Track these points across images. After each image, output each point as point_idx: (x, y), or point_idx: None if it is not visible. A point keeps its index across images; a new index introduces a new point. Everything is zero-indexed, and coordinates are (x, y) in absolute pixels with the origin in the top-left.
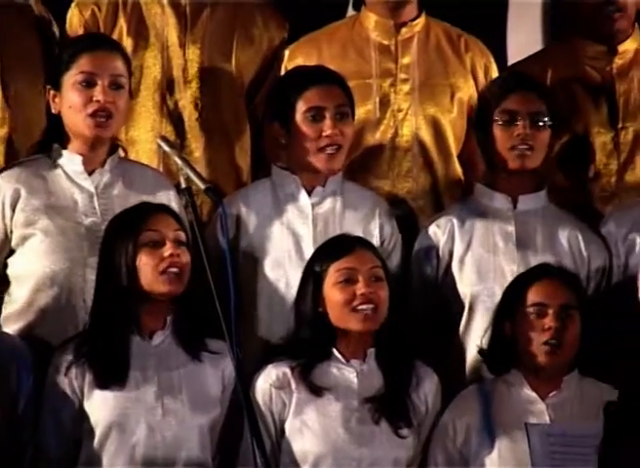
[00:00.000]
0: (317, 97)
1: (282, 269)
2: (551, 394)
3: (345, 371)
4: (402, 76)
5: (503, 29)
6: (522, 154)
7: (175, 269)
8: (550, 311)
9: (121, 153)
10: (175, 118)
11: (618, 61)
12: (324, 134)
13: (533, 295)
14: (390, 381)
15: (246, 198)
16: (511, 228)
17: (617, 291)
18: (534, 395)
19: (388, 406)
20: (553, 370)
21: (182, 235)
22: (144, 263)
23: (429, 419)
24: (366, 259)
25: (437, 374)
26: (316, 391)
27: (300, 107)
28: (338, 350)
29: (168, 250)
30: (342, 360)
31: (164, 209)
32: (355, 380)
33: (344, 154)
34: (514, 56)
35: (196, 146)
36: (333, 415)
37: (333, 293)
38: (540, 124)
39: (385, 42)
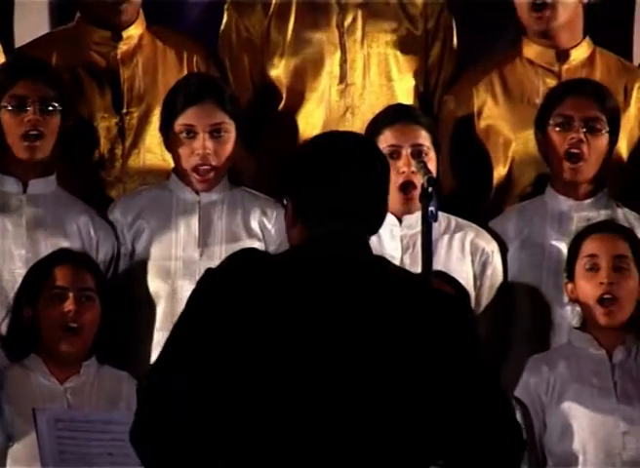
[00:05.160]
0: None
1: None
2: (70, 379)
3: None
4: None
5: (10, 13)
6: (31, 145)
7: None
8: (70, 294)
9: None
10: None
11: (122, 47)
12: None
13: (56, 279)
14: None
15: None
16: (20, 212)
17: (124, 278)
18: (52, 379)
19: None
20: (72, 356)
21: None
22: None
23: None
24: None
25: None
26: None
27: None
28: None
29: None
30: None
31: None
32: None
33: None
34: (21, 39)
35: None
36: None
37: None
38: (50, 109)
39: None
